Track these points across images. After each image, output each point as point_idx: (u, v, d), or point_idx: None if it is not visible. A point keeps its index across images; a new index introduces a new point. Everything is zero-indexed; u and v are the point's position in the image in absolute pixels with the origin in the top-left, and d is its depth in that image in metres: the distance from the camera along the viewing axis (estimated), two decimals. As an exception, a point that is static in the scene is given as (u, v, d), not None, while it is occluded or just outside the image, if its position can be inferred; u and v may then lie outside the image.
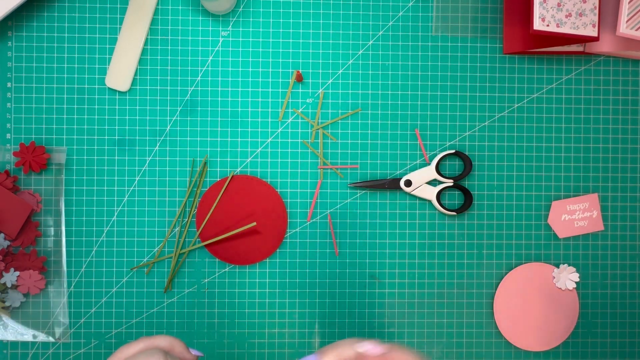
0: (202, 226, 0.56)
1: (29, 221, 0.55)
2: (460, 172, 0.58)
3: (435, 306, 0.59)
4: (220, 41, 0.57)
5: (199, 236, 0.57)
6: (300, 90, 0.58)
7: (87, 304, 0.56)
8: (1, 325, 0.55)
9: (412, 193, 0.57)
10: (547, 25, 0.51)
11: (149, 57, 0.57)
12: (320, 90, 0.58)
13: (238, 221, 0.57)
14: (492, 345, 0.59)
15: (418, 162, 0.58)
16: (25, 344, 0.56)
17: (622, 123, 0.60)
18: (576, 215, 0.59)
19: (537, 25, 0.51)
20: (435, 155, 0.58)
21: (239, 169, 0.57)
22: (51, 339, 0.56)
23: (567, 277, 0.58)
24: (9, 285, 0.54)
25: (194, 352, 0.48)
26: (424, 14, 0.58)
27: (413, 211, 0.58)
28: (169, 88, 0.57)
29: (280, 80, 0.57)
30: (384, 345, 0.43)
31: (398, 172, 0.58)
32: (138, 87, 0.57)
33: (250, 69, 0.57)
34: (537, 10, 0.51)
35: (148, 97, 0.57)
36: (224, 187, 0.56)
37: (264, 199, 0.57)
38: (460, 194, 0.59)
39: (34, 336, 0.56)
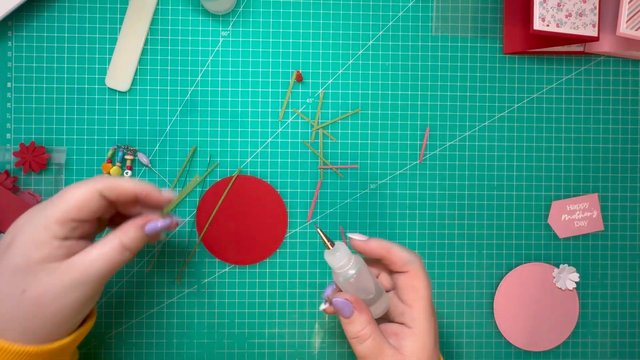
0: (205, 229, 0.56)
1: (29, 221, 0.55)
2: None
3: (435, 306, 0.59)
4: (220, 41, 0.57)
5: (199, 236, 0.57)
6: (300, 90, 0.58)
7: (87, 304, 0.56)
8: (1, 325, 0.55)
9: None
10: (547, 25, 0.51)
11: (149, 57, 0.57)
12: (320, 90, 0.58)
13: (238, 221, 0.57)
14: (492, 345, 0.59)
15: (418, 162, 0.58)
16: (25, 344, 0.56)
17: (622, 123, 0.60)
18: (576, 215, 0.59)
19: (537, 25, 0.51)
20: (435, 155, 0.58)
21: (239, 169, 0.57)
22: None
23: (567, 277, 0.58)
24: (9, 285, 0.54)
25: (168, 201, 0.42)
26: (424, 14, 0.58)
27: (413, 211, 0.58)
28: (169, 88, 0.57)
29: (280, 80, 0.57)
30: (374, 239, 0.43)
31: (398, 172, 0.58)
32: (138, 87, 0.57)
33: (250, 69, 0.57)
34: (537, 10, 0.51)
35: (148, 97, 0.57)
36: (228, 188, 0.56)
37: (264, 198, 0.57)
38: None
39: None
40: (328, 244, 0.43)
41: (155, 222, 0.41)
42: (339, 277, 0.43)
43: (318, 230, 0.43)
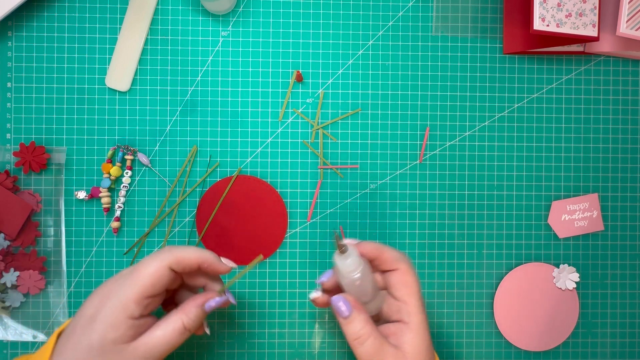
0: (205, 229, 0.56)
1: (28, 221, 0.55)
2: (460, 172, 0.58)
3: (435, 306, 0.59)
4: (220, 41, 0.57)
5: (199, 236, 0.57)
6: (300, 90, 0.58)
7: (87, 304, 0.56)
8: (1, 325, 0.55)
9: None
10: (547, 25, 0.51)
11: (149, 57, 0.57)
12: (320, 90, 0.58)
13: (237, 221, 0.57)
14: (492, 345, 0.59)
15: (418, 162, 0.58)
16: (25, 344, 0.56)
17: (622, 123, 0.60)
18: (576, 215, 0.59)
19: (537, 25, 0.51)
20: (435, 155, 0.58)
21: (239, 169, 0.57)
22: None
23: (567, 277, 0.58)
24: (9, 285, 0.54)
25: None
26: (424, 14, 0.58)
27: (413, 211, 0.58)
28: (169, 88, 0.57)
29: (280, 80, 0.57)
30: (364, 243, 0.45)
31: (398, 172, 0.58)
32: (138, 87, 0.57)
33: (250, 69, 0.57)
34: (537, 10, 0.51)
35: (148, 97, 0.57)
36: (228, 188, 0.56)
37: (264, 198, 0.57)
38: None
39: (34, 336, 0.56)
40: (343, 249, 0.44)
41: (214, 300, 0.43)
42: (344, 279, 0.44)
43: (335, 235, 0.44)
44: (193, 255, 0.42)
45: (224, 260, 0.45)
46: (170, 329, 0.40)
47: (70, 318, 0.42)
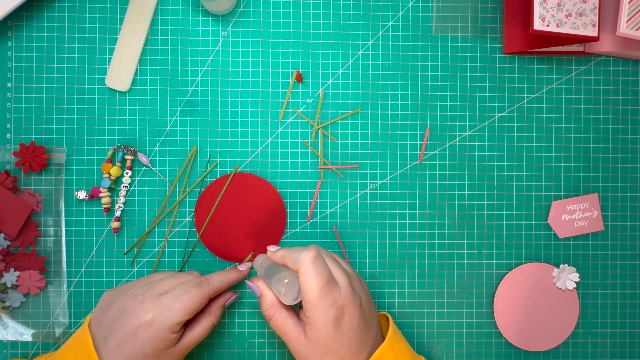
0: (204, 228, 0.56)
1: (29, 221, 0.55)
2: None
3: (435, 306, 0.59)
4: (220, 41, 0.57)
5: (198, 235, 0.57)
6: (300, 90, 0.58)
7: (87, 304, 0.56)
8: (1, 325, 0.55)
9: None
10: (547, 25, 0.51)
11: (149, 57, 0.57)
12: (320, 90, 0.58)
13: (237, 220, 0.57)
14: (492, 345, 0.59)
15: (418, 162, 0.58)
16: (25, 344, 0.56)
17: (622, 123, 0.60)
18: (576, 215, 0.59)
19: (537, 25, 0.51)
20: (435, 155, 0.58)
21: (236, 167, 0.57)
22: (51, 339, 0.56)
23: (567, 277, 0.58)
24: (9, 285, 0.54)
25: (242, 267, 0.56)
26: (424, 14, 0.58)
27: (413, 211, 0.58)
28: (169, 88, 0.57)
29: (280, 80, 0.57)
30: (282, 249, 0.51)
31: (398, 172, 0.58)
32: (138, 87, 0.57)
33: (250, 69, 0.57)
34: (537, 10, 0.51)
35: (148, 97, 0.57)
36: (226, 185, 0.56)
37: (264, 198, 0.57)
38: None
39: (34, 336, 0.56)
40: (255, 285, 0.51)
41: (230, 299, 0.55)
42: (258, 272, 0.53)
43: (246, 282, 0.52)
44: (225, 282, 0.53)
45: (240, 267, 0.55)
46: (204, 329, 0.51)
47: (82, 323, 0.51)
